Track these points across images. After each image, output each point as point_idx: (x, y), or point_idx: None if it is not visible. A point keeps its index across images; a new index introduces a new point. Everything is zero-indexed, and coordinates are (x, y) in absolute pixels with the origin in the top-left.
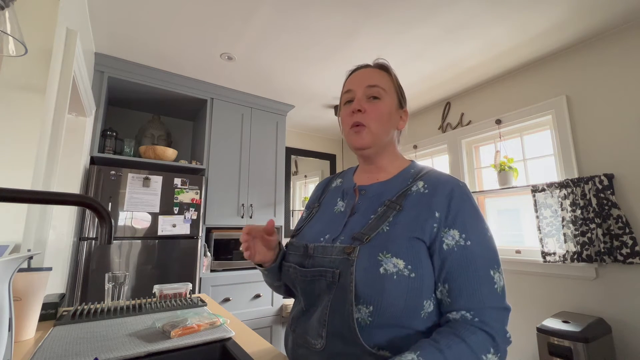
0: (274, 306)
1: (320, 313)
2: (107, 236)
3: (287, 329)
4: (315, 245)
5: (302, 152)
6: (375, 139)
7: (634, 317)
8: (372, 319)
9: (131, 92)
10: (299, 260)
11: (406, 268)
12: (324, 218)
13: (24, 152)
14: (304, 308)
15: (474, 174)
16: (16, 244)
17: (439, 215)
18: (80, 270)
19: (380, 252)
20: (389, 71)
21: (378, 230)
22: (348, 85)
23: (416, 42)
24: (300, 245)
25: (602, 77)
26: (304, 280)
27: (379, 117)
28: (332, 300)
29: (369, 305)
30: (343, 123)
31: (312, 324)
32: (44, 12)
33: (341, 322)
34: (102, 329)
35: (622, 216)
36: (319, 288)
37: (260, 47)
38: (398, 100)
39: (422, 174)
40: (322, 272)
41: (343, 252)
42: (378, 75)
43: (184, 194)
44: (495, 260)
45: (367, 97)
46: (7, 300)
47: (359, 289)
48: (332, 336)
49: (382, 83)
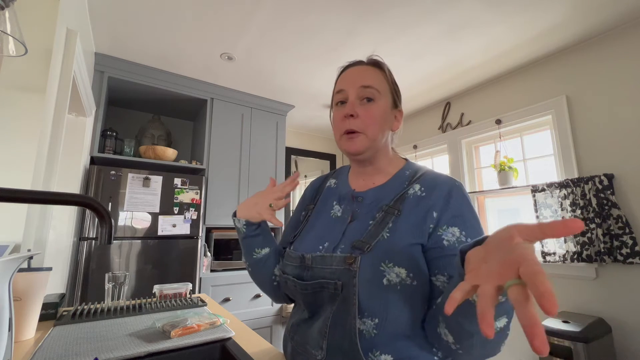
0: (274, 306)
1: (322, 324)
2: (107, 236)
3: (286, 334)
4: (313, 256)
5: (302, 152)
6: (370, 144)
7: (634, 317)
8: (378, 331)
9: (131, 92)
10: (297, 272)
11: (408, 276)
12: (321, 222)
13: (24, 152)
14: (308, 316)
15: (474, 174)
16: (16, 244)
17: (437, 215)
18: (80, 270)
19: (383, 262)
20: (383, 68)
21: (378, 237)
22: (340, 84)
23: (416, 42)
24: (297, 256)
25: (602, 77)
26: (304, 293)
27: (373, 121)
28: (335, 312)
29: (374, 318)
30: (335, 127)
31: (313, 334)
32: (44, 12)
33: (342, 335)
34: (102, 329)
35: (622, 216)
36: (321, 299)
37: (260, 47)
38: (393, 99)
39: (418, 176)
40: (323, 284)
41: (344, 262)
42: (372, 74)
43: (184, 194)
44: None
45: (361, 98)
46: (7, 300)
47: (363, 301)
48: (332, 349)
49: (377, 83)
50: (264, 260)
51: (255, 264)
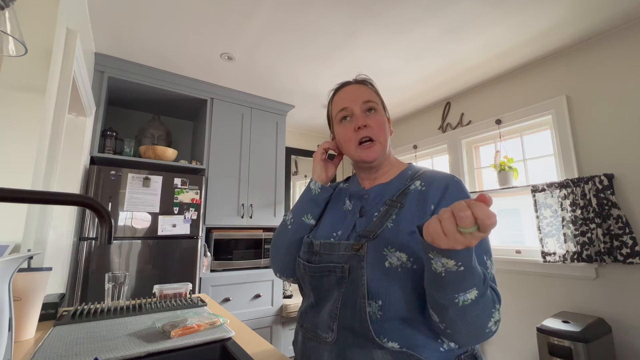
0: (274, 306)
1: (332, 307)
2: (107, 236)
3: (297, 325)
4: (322, 243)
5: (302, 152)
6: (383, 150)
7: (634, 317)
8: (382, 313)
9: (131, 92)
10: (307, 257)
11: (409, 260)
12: (334, 215)
13: (24, 152)
14: (313, 302)
15: (474, 174)
16: (16, 244)
17: (434, 206)
18: (80, 270)
19: (385, 247)
20: (371, 84)
21: (383, 227)
22: (341, 103)
23: (416, 42)
24: (307, 242)
25: (602, 77)
26: (312, 276)
27: (382, 129)
28: (344, 294)
29: (377, 299)
30: (346, 140)
31: (323, 317)
32: (44, 12)
33: (352, 316)
34: (102, 329)
35: (622, 216)
36: (328, 283)
37: (260, 47)
38: (383, 108)
39: (419, 174)
40: (330, 268)
41: (351, 249)
42: (366, 90)
43: (184, 194)
44: (488, 249)
45: (364, 111)
46: (7, 300)
47: (370, 283)
48: (343, 329)
49: (373, 97)
50: (303, 227)
51: (296, 226)
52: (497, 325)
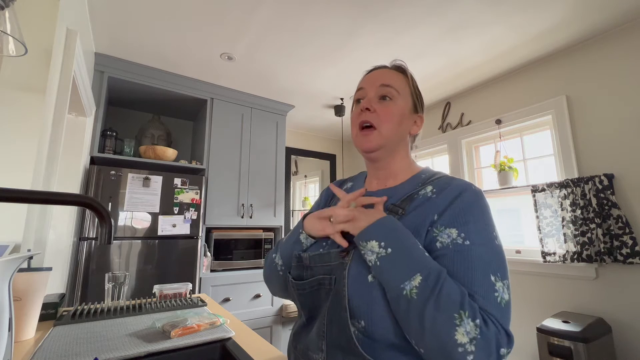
0: (274, 306)
1: (319, 324)
2: (107, 236)
3: (289, 345)
4: (311, 255)
5: (302, 152)
6: (384, 141)
7: (634, 317)
8: (366, 335)
9: (131, 92)
10: (297, 272)
11: None
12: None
13: (24, 152)
14: (305, 322)
15: (474, 174)
16: (16, 244)
17: (437, 216)
18: (80, 270)
19: None
20: (405, 73)
21: None
22: (361, 83)
23: (416, 42)
24: (295, 256)
25: (602, 77)
26: (301, 293)
27: (389, 118)
28: (329, 309)
29: (360, 319)
30: (352, 123)
31: (312, 337)
32: (44, 12)
33: (338, 332)
34: (102, 329)
35: (622, 216)
36: (318, 298)
37: (260, 47)
38: (413, 103)
39: (433, 179)
40: (320, 281)
41: (338, 257)
42: (394, 75)
43: (184, 194)
44: (500, 267)
45: (379, 96)
46: (7, 300)
47: (351, 298)
48: (332, 348)
49: (397, 84)
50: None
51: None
52: (474, 345)
